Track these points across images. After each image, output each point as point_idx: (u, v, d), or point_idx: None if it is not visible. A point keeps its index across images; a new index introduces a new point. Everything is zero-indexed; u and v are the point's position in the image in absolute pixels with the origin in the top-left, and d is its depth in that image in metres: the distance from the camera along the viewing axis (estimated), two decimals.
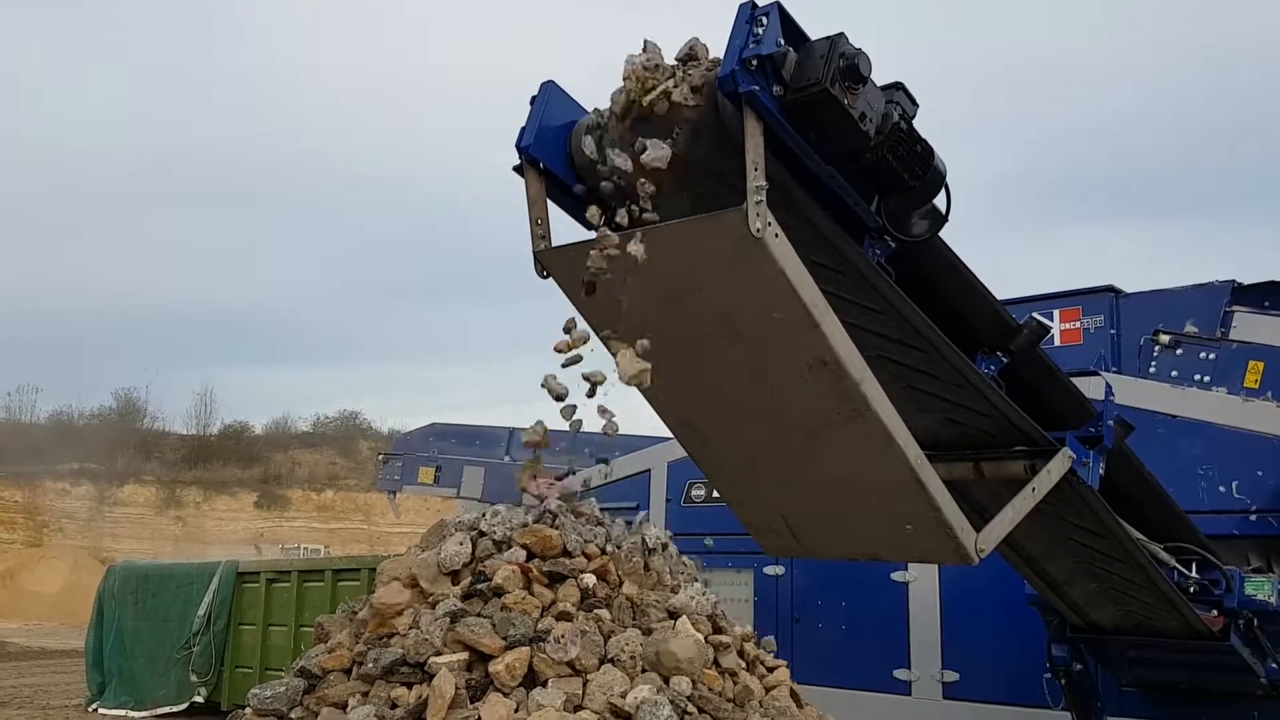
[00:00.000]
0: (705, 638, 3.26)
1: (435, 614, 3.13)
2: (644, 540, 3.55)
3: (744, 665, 3.38)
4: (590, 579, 3.25)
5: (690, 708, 3.00)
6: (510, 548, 3.33)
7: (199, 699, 13.96)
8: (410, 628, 3.14)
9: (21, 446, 45.01)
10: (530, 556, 3.30)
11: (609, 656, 3.08)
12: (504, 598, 3.14)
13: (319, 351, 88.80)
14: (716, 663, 3.25)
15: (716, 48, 2.88)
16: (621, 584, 3.36)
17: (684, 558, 3.83)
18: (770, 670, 3.52)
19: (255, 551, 33.97)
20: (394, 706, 2.98)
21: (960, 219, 3.30)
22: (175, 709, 14.19)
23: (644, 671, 3.08)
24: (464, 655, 3.03)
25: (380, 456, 18.36)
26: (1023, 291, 7.57)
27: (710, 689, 3.12)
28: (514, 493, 3.91)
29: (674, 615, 3.32)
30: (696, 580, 3.67)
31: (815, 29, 2.83)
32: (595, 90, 3.16)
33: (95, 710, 15.00)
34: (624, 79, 2.92)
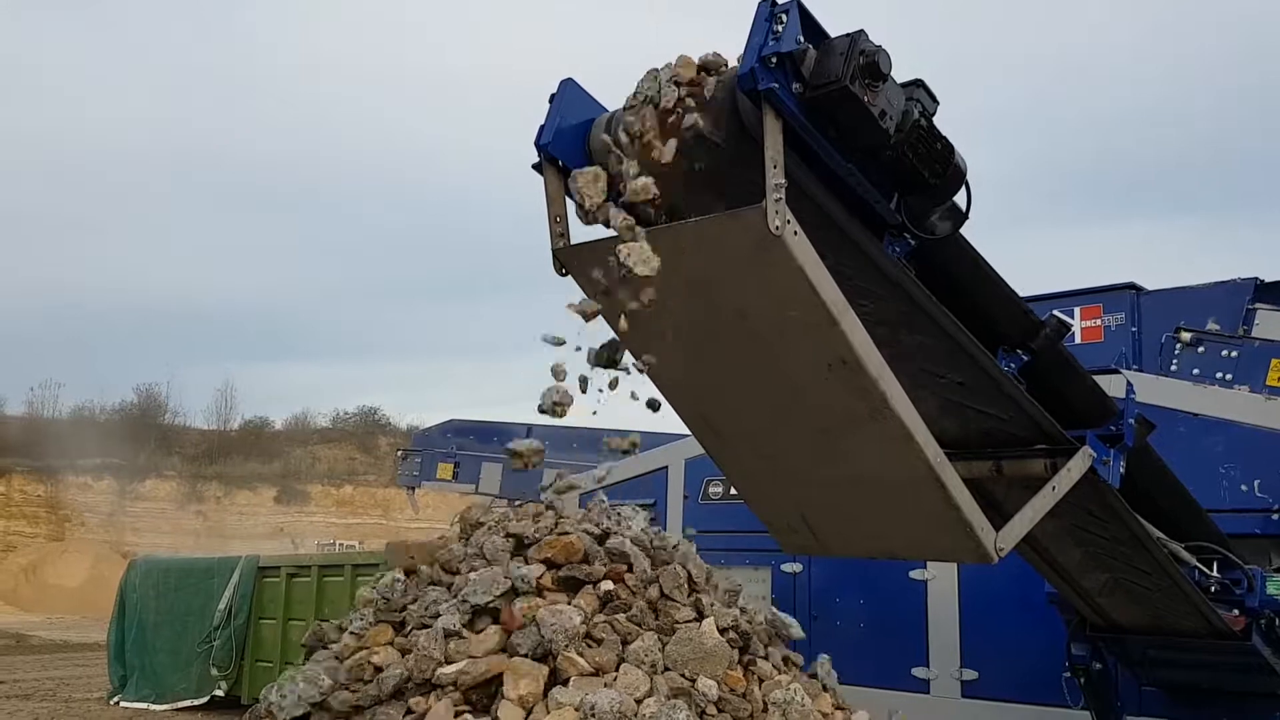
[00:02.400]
0: (730, 641, 3.25)
1: (434, 630, 3.10)
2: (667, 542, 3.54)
3: (773, 669, 3.36)
4: (608, 584, 3.23)
5: (711, 709, 2.99)
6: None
7: (219, 693, 14.07)
8: (407, 653, 3.12)
9: (44, 441, 45.38)
10: (551, 566, 3.28)
11: (628, 659, 3.07)
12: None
13: (337, 348, 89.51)
14: (742, 664, 3.24)
15: (733, 47, 2.88)
16: (650, 586, 3.34)
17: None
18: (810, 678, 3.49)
19: (292, 547, 34.10)
20: (409, 711, 2.98)
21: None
22: (196, 702, 14.30)
23: (665, 671, 3.08)
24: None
25: (399, 453, 18.47)
26: (1034, 289, 7.52)
27: (733, 690, 3.11)
28: (533, 489, 3.93)
29: (700, 616, 3.30)
30: (723, 581, 3.66)
31: (835, 26, 2.83)
32: (613, 87, 3.16)
33: (117, 703, 15.13)
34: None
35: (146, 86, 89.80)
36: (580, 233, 3.17)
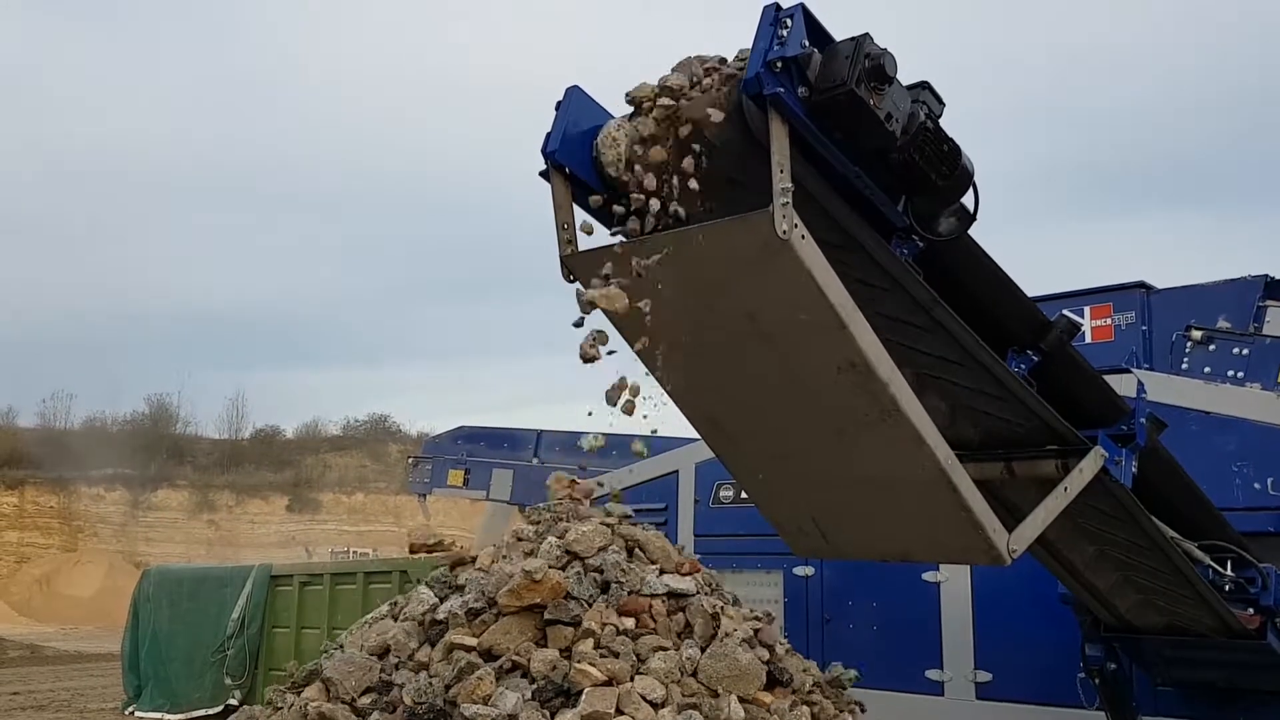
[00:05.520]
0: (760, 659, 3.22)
1: None
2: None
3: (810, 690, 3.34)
4: (629, 622, 3.20)
5: None
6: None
7: (234, 701, 14.04)
8: None
9: (56, 452, 45.52)
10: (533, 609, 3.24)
11: (648, 674, 3.05)
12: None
13: (346, 353, 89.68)
14: (771, 686, 3.21)
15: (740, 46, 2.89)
16: (677, 615, 3.32)
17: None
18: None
19: (305, 555, 34.09)
20: None
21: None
22: (210, 711, 14.31)
23: (686, 677, 3.07)
24: None
25: (410, 460, 18.47)
26: (1044, 289, 7.50)
27: (760, 704, 3.09)
28: (542, 495, 3.91)
29: (726, 635, 3.28)
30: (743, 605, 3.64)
31: (840, 30, 2.83)
32: (622, 90, 3.17)
33: (132, 713, 15.14)
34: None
35: (152, 90, 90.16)
36: (587, 240, 3.18)
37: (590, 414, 3.28)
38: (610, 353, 3.04)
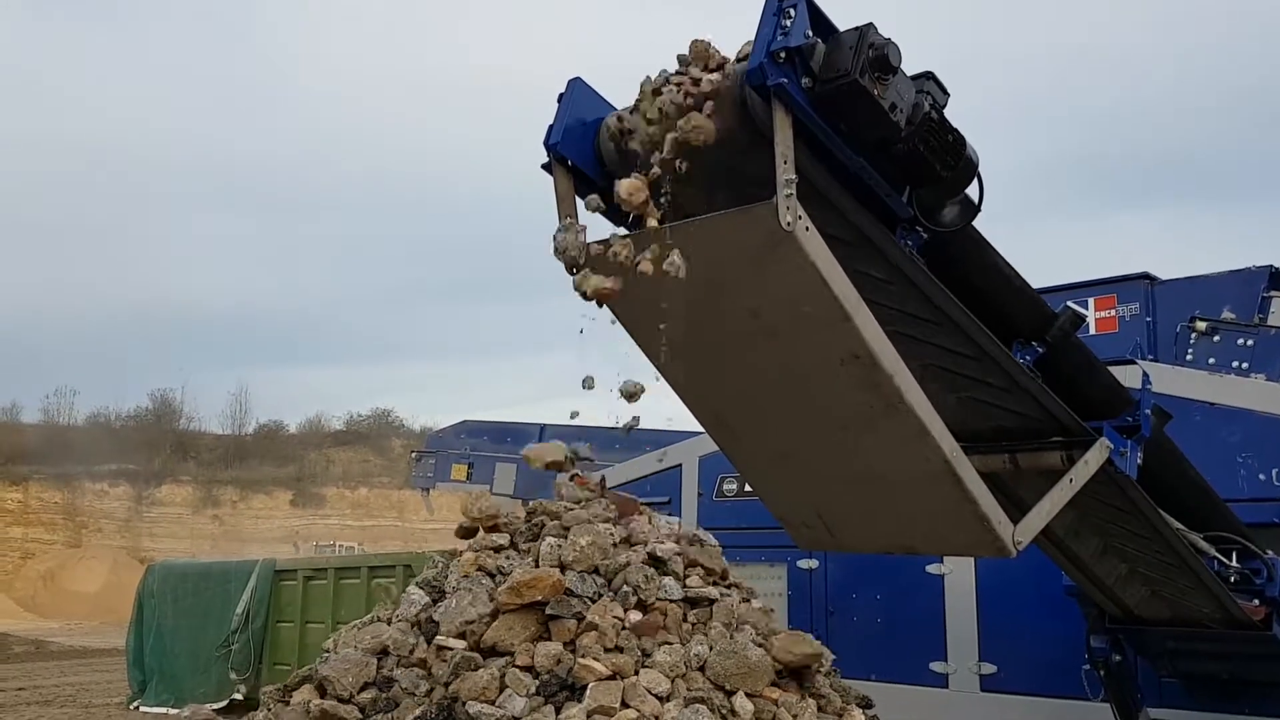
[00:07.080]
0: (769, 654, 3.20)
1: None
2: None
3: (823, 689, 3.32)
4: (635, 615, 3.18)
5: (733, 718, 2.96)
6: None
7: (238, 696, 14.11)
8: None
9: (60, 448, 45.64)
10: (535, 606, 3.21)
11: (653, 668, 3.04)
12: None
13: (350, 351, 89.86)
14: (779, 683, 3.19)
15: (741, 41, 2.87)
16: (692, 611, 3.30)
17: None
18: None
19: (294, 550, 34.17)
20: None
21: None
22: (215, 706, 14.34)
23: (693, 670, 3.05)
24: None
25: (413, 454, 18.51)
26: (1048, 280, 7.48)
27: (767, 698, 3.07)
28: (546, 489, 3.90)
29: (735, 628, 3.26)
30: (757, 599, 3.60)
31: (844, 20, 2.81)
32: (622, 86, 3.15)
33: (136, 708, 15.21)
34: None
35: (152, 91, 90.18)
36: (590, 232, 3.16)
37: (575, 415, 3.41)
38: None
